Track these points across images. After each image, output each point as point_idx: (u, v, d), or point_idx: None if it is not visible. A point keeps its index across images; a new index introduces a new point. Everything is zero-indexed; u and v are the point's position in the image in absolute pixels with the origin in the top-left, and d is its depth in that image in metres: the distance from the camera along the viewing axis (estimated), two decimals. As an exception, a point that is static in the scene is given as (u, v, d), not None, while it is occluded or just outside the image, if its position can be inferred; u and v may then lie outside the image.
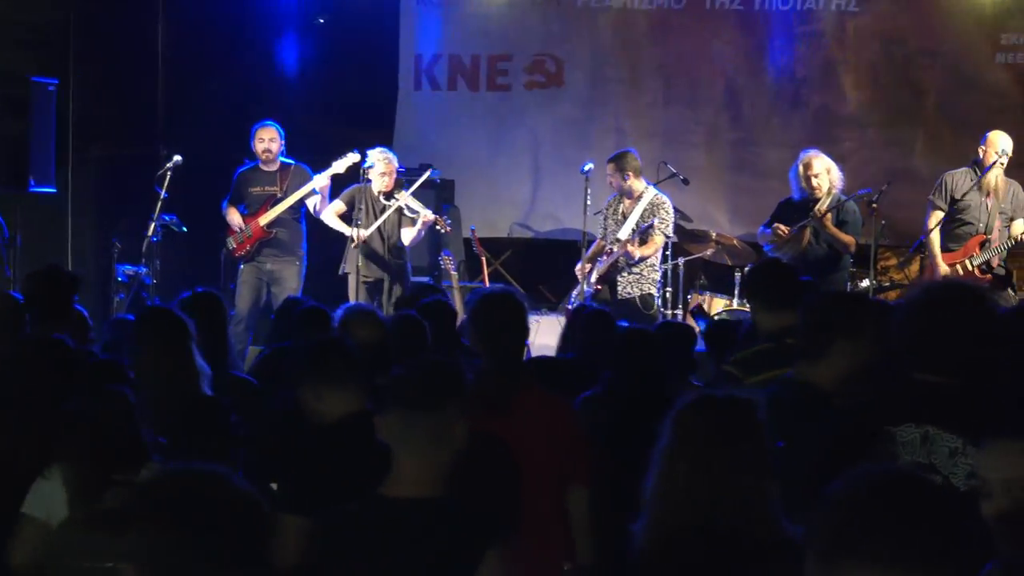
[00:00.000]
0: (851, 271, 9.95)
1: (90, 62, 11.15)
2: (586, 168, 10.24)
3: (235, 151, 10.69)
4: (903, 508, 2.06)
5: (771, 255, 9.56)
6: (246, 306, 10.21)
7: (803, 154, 9.79)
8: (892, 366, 3.83)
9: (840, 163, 9.92)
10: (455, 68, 12.35)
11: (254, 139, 10.32)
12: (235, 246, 10.27)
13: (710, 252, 10.76)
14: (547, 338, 9.00)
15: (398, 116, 12.29)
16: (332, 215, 10.21)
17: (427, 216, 10.02)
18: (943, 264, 9.55)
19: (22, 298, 6.01)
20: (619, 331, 5.88)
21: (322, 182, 10.22)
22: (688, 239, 10.87)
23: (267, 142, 10.28)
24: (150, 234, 10.15)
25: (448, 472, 3.38)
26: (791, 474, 3.28)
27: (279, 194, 10.23)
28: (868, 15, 11.78)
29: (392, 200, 10.12)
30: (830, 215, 9.53)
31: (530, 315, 4.95)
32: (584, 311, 6.84)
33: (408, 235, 10.16)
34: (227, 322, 6.10)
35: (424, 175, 10.45)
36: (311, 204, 10.29)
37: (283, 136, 10.35)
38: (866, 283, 9.85)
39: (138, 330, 5.07)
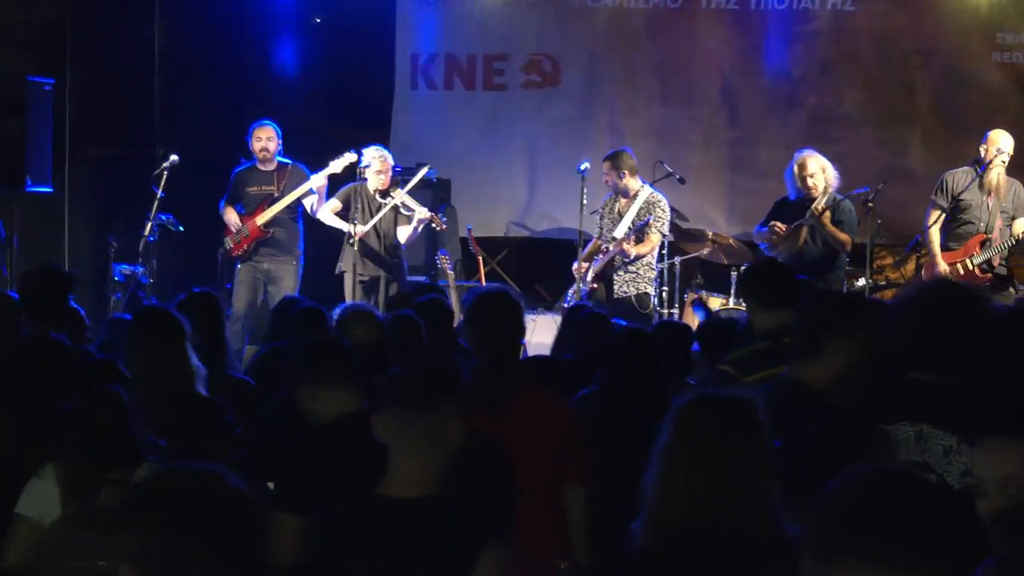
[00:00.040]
0: (847, 270, 9.95)
1: (87, 62, 11.15)
2: (582, 167, 10.24)
3: (231, 151, 10.68)
4: (899, 507, 2.06)
5: (767, 254, 9.57)
6: (243, 305, 10.19)
7: (798, 154, 9.81)
8: (886, 365, 3.84)
9: (836, 162, 9.91)
10: (451, 68, 12.34)
11: (251, 138, 10.31)
12: (232, 246, 10.26)
13: (706, 251, 10.76)
14: (543, 337, 9.00)
15: (394, 116, 12.28)
16: (328, 213, 10.20)
17: (423, 213, 10.01)
18: (943, 263, 9.52)
19: (18, 297, 6.02)
20: (615, 330, 5.88)
21: (319, 182, 10.21)
22: (684, 238, 10.87)
23: (264, 141, 10.27)
24: (147, 234, 10.14)
25: (444, 471, 3.39)
26: (786, 473, 3.28)
27: (276, 194, 10.22)
28: (864, 14, 11.77)
29: (388, 198, 10.12)
30: (828, 213, 9.53)
31: (526, 314, 4.94)
32: (580, 312, 6.84)
33: (404, 233, 10.14)
34: (224, 322, 6.10)
35: (420, 172, 10.41)
36: (308, 204, 10.28)
37: (280, 135, 10.35)
38: (862, 282, 9.84)
39: (134, 330, 5.08)
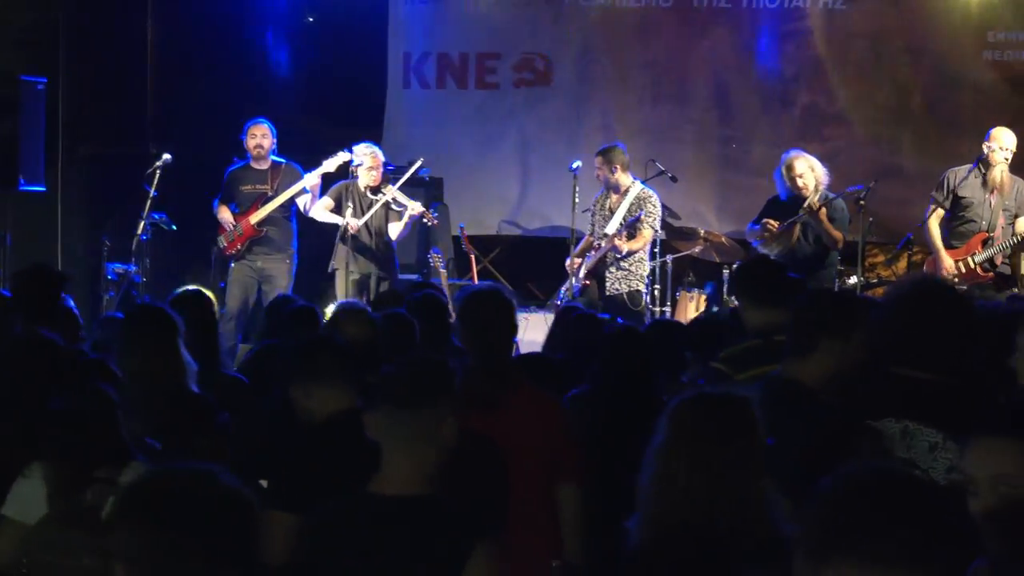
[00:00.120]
0: (839, 268, 9.95)
1: (80, 61, 11.14)
2: (574, 166, 10.26)
3: (224, 149, 10.68)
4: (891, 506, 2.06)
5: (760, 252, 9.57)
6: (236, 304, 10.19)
7: (785, 156, 9.78)
8: (873, 361, 3.85)
9: (828, 161, 9.92)
10: (444, 66, 12.34)
11: (246, 135, 10.32)
12: (226, 244, 10.26)
13: (698, 249, 10.76)
14: (535, 335, 9.01)
15: (387, 114, 12.29)
16: (321, 210, 10.20)
17: (414, 209, 10.00)
18: (947, 258, 9.48)
19: (11, 296, 6.02)
20: (608, 329, 5.88)
21: (312, 181, 10.21)
22: (676, 236, 10.88)
23: (259, 138, 10.28)
24: (140, 232, 10.15)
25: (437, 470, 3.39)
26: (778, 471, 3.29)
27: (270, 192, 10.22)
28: (855, 13, 11.78)
29: (379, 195, 10.12)
30: (824, 209, 9.50)
31: (518, 312, 4.95)
32: (573, 312, 6.84)
33: (395, 229, 10.14)
34: (217, 320, 6.11)
35: (412, 167, 10.38)
36: (301, 203, 10.28)
37: (275, 133, 10.35)
38: (854, 280, 9.86)
39: (127, 328, 5.08)
